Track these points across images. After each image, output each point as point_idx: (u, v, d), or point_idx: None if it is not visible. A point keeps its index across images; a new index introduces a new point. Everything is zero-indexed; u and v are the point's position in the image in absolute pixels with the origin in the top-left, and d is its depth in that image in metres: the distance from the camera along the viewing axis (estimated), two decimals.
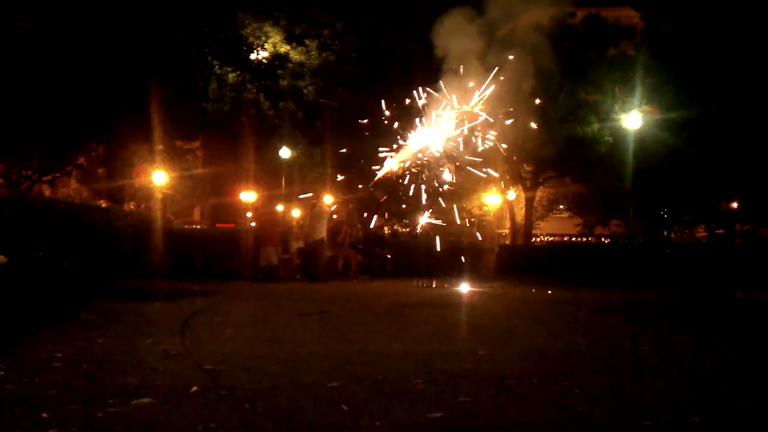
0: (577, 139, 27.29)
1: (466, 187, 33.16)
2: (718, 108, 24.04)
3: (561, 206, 42.26)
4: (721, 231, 34.67)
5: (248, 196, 35.94)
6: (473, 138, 12.74)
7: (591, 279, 17.61)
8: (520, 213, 36.26)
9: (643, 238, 33.29)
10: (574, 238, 41.01)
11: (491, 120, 12.81)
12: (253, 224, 24.19)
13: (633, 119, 22.83)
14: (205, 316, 6.91)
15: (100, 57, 17.51)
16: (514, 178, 34.06)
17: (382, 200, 27.22)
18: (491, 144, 13.03)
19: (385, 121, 12.47)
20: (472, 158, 12.93)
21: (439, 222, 19.64)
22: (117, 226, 8.49)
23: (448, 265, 17.71)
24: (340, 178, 22.45)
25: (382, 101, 13.13)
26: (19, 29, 15.79)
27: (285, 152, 27.17)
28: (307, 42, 23.36)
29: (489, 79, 12.77)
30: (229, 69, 22.42)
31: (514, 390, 3.85)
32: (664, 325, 7.78)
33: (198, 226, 38.04)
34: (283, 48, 23.06)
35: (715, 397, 3.93)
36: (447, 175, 12.86)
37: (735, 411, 3.54)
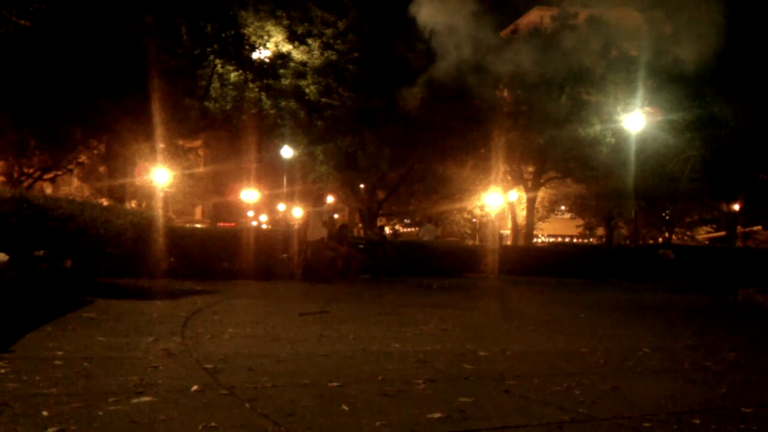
0: (579, 140, 27.30)
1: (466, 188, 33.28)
2: (720, 109, 24.02)
3: (562, 207, 42.24)
4: (722, 233, 34.68)
5: (250, 195, 36.00)
6: None
7: (592, 280, 17.63)
8: (522, 214, 36.26)
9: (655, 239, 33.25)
10: (575, 239, 41.02)
11: None
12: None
13: (635, 120, 22.80)
14: (206, 315, 6.91)
15: (102, 55, 17.52)
16: (516, 178, 34.06)
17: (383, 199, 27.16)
18: None
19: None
20: None
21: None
22: (118, 225, 8.46)
23: (448, 265, 17.73)
24: None
25: None
26: (22, 28, 15.80)
27: (287, 151, 27.18)
28: (309, 41, 23.38)
29: None
30: (231, 68, 22.43)
31: (515, 391, 3.85)
32: (664, 327, 7.77)
33: (199, 225, 38.13)
34: (285, 47, 23.07)
35: (714, 399, 3.93)
36: None
37: (735, 413, 3.54)
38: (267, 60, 23.38)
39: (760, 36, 22.74)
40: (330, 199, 29.15)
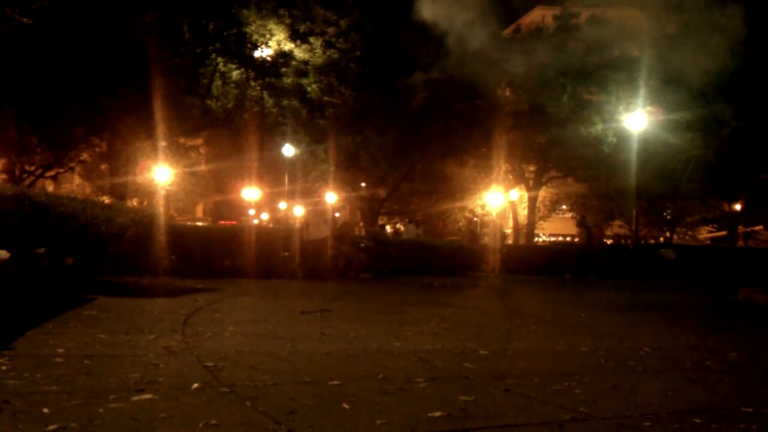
0: (580, 139, 27.28)
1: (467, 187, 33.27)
2: (722, 109, 23.99)
3: (564, 206, 42.20)
4: (723, 233, 34.66)
5: (251, 193, 36.00)
6: None
7: (592, 280, 17.62)
8: (523, 213, 36.24)
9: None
10: (576, 239, 40.98)
11: None
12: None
13: (637, 120, 22.76)
14: (207, 313, 6.92)
15: (104, 54, 17.53)
16: (517, 177, 34.05)
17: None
18: None
19: None
20: None
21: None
22: (119, 223, 8.47)
23: (450, 264, 17.74)
24: None
25: None
26: (24, 26, 15.80)
27: (288, 150, 27.19)
28: (312, 40, 23.37)
29: None
30: (233, 66, 22.42)
31: (516, 390, 3.85)
32: (665, 326, 7.77)
33: (201, 223, 38.15)
34: (288, 46, 23.07)
35: (715, 398, 3.92)
36: None
37: (736, 413, 3.54)
38: (269, 58, 23.38)
39: (762, 36, 22.70)
40: (331, 197, 29.15)
